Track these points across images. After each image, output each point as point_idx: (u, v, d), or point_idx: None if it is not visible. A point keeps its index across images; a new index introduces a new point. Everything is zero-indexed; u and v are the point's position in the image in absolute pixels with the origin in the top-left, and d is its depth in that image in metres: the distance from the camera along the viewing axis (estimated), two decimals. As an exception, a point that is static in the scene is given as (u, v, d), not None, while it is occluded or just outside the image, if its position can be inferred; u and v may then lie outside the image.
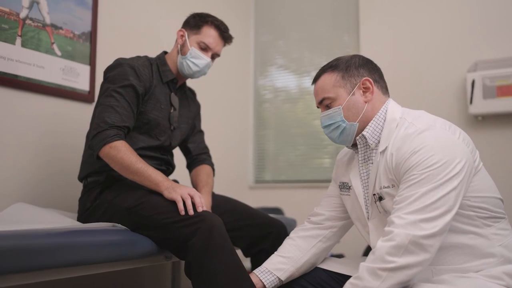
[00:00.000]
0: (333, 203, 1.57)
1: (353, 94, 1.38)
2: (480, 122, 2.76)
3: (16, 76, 1.92)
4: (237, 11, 3.52)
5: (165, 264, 2.53)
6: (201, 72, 1.89)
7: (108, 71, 1.77)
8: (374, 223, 1.37)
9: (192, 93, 2.09)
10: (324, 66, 1.45)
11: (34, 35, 2.00)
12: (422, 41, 2.99)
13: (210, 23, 1.85)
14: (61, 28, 2.12)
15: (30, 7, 1.99)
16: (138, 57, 1.84)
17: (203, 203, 1.52)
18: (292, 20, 3.56)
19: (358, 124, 1.38)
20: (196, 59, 1.84)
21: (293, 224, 2.37)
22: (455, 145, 1.23)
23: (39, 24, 2.02)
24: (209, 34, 1.85)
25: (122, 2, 2.47)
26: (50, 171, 2.04)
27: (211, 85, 3.14)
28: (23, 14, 1.96)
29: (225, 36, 1.89)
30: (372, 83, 1.39)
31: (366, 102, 1.38)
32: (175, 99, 1.90)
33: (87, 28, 2.25)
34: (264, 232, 1.83)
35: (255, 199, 3.28)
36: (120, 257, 1.42)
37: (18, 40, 1.94)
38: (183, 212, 1.48)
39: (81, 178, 1.80)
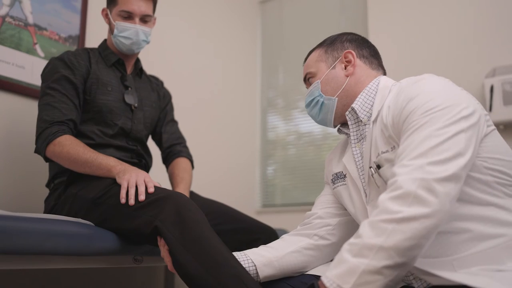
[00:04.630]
0: (325, 200, 1.38)
1: (334, 68, 1.30)
2: (502, 132, 2.50)
3: (-9, 73, 1.83)
4: (244, 50, 3.37)
5: (158, 267, 2.31)
6: (137, 43, 1.72)
7: (42, 73, 1.68)
8: (373, 205, 1.14)
9: (156, 79, 1.96)
10: None
11: (15, 33, 1.92)
12: (437, 47, 2.80)
13: None
14: (45, 29, 2.04)
15: (11, 5, 1.92)
16: (76, 49, 1.74)
17: (153, 186, 1.35)
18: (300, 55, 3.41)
19: (337, 99, 1.27)
20: (124, 32, 1.70)
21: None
22: (458, 91, 1.07)
23: (20, 23, 1.95)
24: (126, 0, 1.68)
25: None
26: (28, 177, 1.90)
27: (219, 114, 3.01)
28: (3, 12, 1.89)
29: None
30: (354, 55, 1.29)
31: (347, 76, 1.27)
32: (128, 79, 1.77)
33: (75, 31, 2.17)
34: (250, 237, 1.63)
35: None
36: (70, 251, 1.23)
37: (-4, 37, 1.86)
38: (123, 200, 1.32)
39: (48, 183, 1.67)
